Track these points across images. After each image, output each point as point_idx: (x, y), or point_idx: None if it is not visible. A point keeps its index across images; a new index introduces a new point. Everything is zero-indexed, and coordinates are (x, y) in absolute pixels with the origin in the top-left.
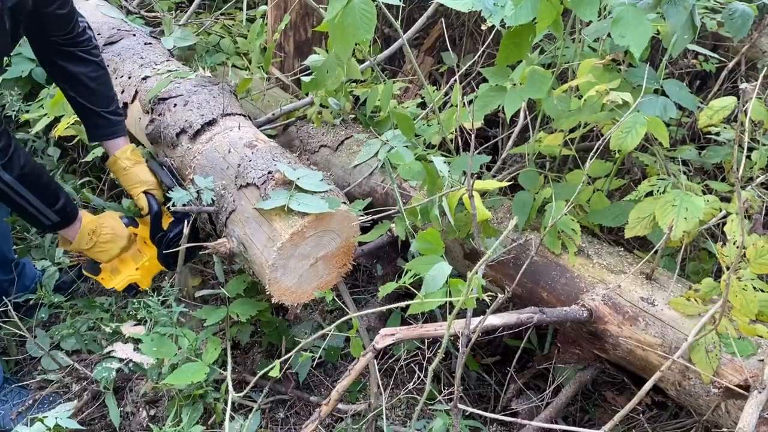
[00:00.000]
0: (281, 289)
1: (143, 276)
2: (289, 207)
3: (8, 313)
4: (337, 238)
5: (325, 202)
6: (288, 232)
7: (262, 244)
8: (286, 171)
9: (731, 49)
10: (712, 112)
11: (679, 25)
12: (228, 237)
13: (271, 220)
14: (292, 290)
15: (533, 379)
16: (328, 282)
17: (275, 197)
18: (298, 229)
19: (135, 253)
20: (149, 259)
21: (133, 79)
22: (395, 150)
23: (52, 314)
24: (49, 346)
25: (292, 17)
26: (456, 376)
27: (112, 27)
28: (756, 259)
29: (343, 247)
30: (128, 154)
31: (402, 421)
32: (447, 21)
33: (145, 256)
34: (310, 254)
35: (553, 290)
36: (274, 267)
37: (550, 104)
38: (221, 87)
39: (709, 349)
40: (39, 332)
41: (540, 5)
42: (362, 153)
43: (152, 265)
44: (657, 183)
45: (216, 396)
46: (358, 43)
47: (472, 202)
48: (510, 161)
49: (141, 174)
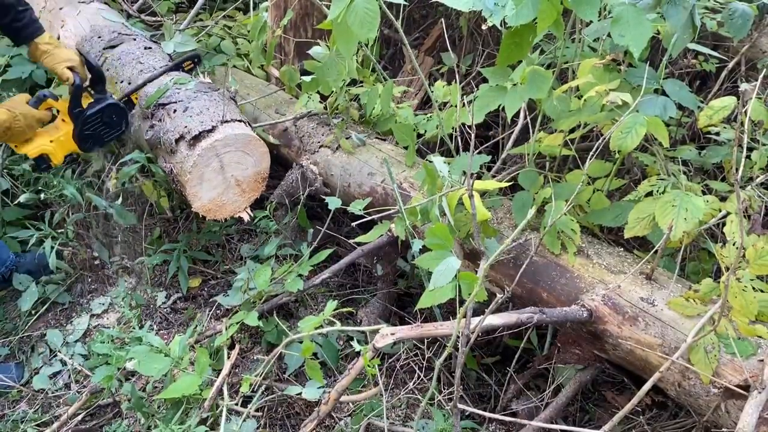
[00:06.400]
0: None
1: (56, 150)
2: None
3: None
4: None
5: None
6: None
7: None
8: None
9: (731, 49)
10: (712, 112)
11: (679, 25)
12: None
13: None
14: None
15: (533, 379)
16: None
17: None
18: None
19: (51, 128)
20: (65, 134)
21: (132, 85)
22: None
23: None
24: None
25: (292, 17)
26: (456, 376)
27: (112, 30)
28: (756, 260)
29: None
30: (47, 39)
31: (402, 421)
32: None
33: (61, 131)
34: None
35: (553, 290)
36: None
37: (550, 104)
38: (221, 93)
39: (708, 350)
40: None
41: (540, 5)
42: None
43: (67, 141)
44: (657, 183)
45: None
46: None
47: (472, 202)
48: (510, 161)
49: (64, 53)
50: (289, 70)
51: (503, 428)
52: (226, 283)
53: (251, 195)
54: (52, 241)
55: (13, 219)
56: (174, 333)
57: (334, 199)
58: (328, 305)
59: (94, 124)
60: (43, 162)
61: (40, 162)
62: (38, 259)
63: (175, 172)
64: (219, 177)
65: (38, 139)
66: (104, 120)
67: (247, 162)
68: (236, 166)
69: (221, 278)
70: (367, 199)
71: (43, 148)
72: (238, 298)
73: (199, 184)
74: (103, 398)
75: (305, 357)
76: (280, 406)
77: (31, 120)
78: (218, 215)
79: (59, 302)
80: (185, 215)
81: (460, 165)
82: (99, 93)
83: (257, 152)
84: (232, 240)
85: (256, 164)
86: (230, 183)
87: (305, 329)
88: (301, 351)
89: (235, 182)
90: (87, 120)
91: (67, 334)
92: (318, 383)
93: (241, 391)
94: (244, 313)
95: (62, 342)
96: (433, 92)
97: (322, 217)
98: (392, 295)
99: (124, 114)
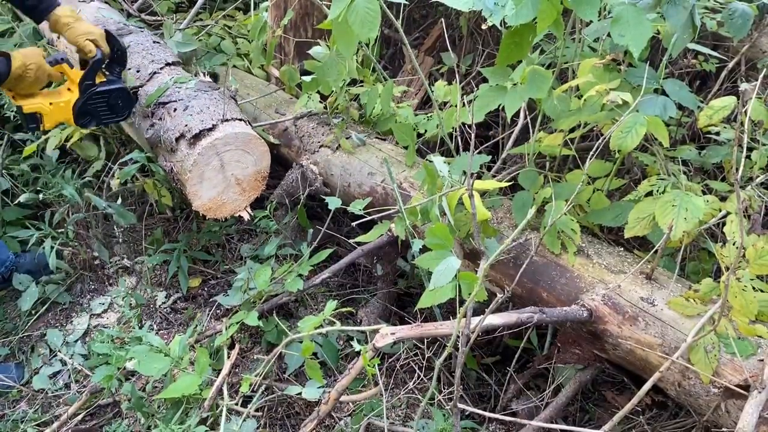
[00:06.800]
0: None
1: (51, 113)
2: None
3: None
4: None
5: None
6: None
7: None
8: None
9: (731, 49)
10: (712, 111)
11: (679, 25)
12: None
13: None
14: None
15: (533, 379)
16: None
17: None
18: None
19: (54, 91)
20: (65, 102)
21: (141, 72)
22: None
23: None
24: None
25: (292, 17)
26: (456, 376)
27: (117, 22)
28: (756, 260)
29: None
30: (68, 12)
31: (402, 421)
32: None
33: (63, 97)
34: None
35: (553, 290)
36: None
37: (550, 104)
38: (221, 92)
39: (708, 350)
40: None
41: (540, 5)
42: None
43: (65, 108)
44: (657, 183)
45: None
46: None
47: (472, 201)
48: (510, 161)
49: (85, 26)
50: (289, 69)
51: (503, 428)
52: (226, 283)
53: (251, 194)
54: (52, 241)
55: (13, 219)
56: (174, 333)
57: (334, 198)
58: (328, 305)
59: (99, 102)
60: (34, 121)
61: (30, 120)
62: (38, 258)
63: (176, 171)
64: (219, 176)
65: (39, 97)
66: (110, 102)
67: (247, 161)
68: (236, 164)
69: (221, 278)
70: (367, 199)
71: (40, 106)
72: (238, 298)
73: (199, 182)
74: (103, 398)
75: (305, 357)
76: (280, 406)
77: (41, 74)
78: (218, 214)
79: (59, 302)
80: (185, 215)
81: (460, 165)
82: (113, 75)
83: (257, 151)
84: (232, 240)
85: (257, 163)
86: (230, 182)
87: (305, 329)
88: (301, 351)
89: (236, 181)
90: (93, 95)
91: (67, 334)
92: (318, 383)
93: (241, 391)
94: (244, 312)
95: (62, 342)
96: (434, 92)
97: (322, 217)
98: (392, 295)
99: (130, 103)
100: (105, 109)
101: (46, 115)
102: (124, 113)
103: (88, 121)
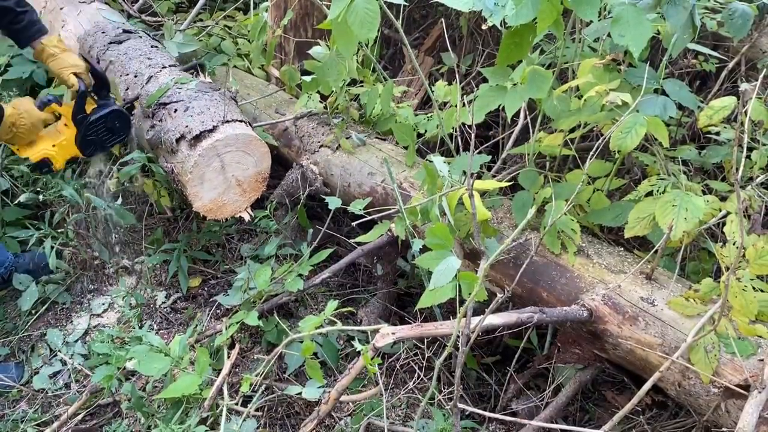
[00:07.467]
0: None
1: (58, 154)
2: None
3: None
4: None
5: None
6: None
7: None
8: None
9: (731, 49)
10: (712, 112)
11: (679, 25)
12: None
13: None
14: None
15: (533, 379)
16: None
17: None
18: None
19: (53, 132)
20: (67, 139)
21: (139, 78)
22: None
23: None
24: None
25: (292, 17)
26: (456, 376)
27: (117, 26)
28: (756, 260)
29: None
30: (55, 42)
31: (402, 421)
32: (447, 21)
33: (63, 136)
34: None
35: (553, 290)
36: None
37: (550, 104)
38: (222, 93)
39: (708, 350)
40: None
41: (540, 5)
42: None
43: (69, 145)
44: (657, 183)
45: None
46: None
47: (472, 201)
48: (510, 161)
49: (70, 59)
50: (289, 70)
51: (503, 428)
52: (226, 283)
53: (252, 195)
54: (52, 241)
55: (13, 219)
56: (174, 333)
57: (334, 198)
58: (328, 305)
59: (97, 130)
60: (45, 166)
61: (41, 166)
62: (38, 258)
63: (176, 172)
64: (220, 177)
65: (41, 143)
66: (107, 126)
67: (247, 162)
68: (237, 166)
69: (221, 278)
70: (367, 199)
71: (45, 152)
72: (238, 297)
73: (199, 183)
74: (103, 398)
75: (305, 357)
76: (280, 405)
77: (35, 119)
78: (219, 215)
79: (59, 302)
80: (185, 215)
81: (460, 165)
82: (103, 98)
83: (258, 152)
84: (232, 240)
85: (257, 164)
86: (231, 183)
87: (305, 329)
88: (302, 351)
89: (236, 182)
90: (90, 126)
91: (67, 334)
92: (318, 383)
93: (241, 390)
94: (244, 312)
95: (62, 342)
96: (434, 92)
97: (322, 217)
98: (392, 295)
99: (127, 120)
100: (105, 133)
101: (53, 158)
102: (124, 132)
103: (93, 151)
